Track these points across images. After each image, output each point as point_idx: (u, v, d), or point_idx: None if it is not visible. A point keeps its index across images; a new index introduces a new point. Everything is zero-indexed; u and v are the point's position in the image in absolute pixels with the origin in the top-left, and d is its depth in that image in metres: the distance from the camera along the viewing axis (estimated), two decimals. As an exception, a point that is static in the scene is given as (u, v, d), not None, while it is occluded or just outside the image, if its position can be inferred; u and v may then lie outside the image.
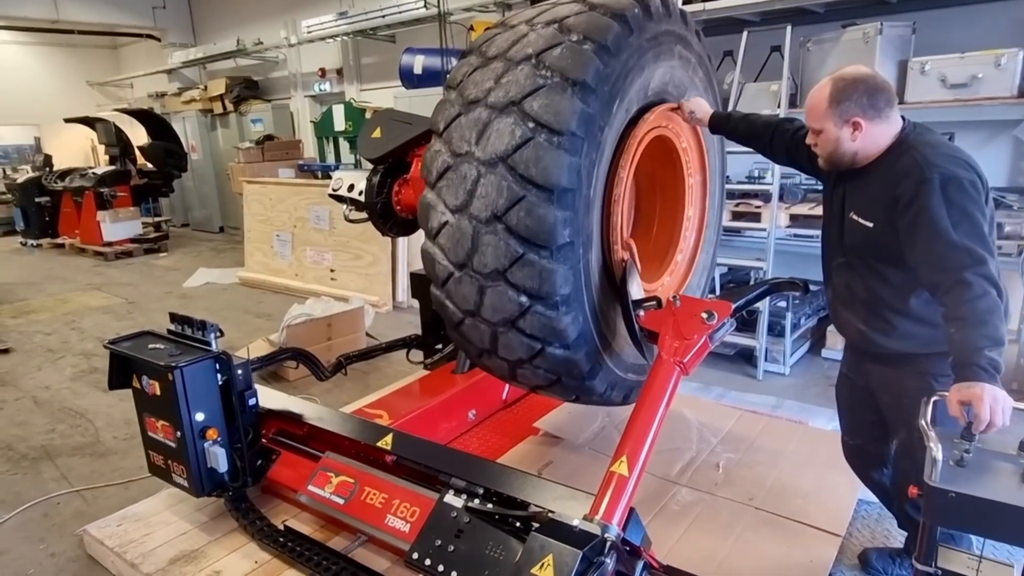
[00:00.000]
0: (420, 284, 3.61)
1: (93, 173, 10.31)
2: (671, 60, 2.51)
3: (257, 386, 2.82)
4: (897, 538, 2.59)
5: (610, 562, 1.71)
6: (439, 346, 3.83)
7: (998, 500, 1.47)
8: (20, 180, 11.37)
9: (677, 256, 2.93)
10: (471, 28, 7.31)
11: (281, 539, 2.64)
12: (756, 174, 4.93)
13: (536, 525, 1.84)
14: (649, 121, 2.36)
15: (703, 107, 2.55)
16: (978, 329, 1.68)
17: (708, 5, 4.79)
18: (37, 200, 10.96)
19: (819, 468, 2.95)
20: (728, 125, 2.54)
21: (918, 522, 1.68)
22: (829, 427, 3.52)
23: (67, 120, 11.45)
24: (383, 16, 8.13)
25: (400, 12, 7.91)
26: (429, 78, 7.29)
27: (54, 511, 3.26)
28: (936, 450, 1.56)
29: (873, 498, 2.66)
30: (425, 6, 7.59)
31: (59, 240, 10.82)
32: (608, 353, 2.39)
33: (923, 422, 1.64)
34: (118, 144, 10.53)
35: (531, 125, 1.98)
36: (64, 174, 10.66)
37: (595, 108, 2.03)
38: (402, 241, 6.59)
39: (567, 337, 2.12)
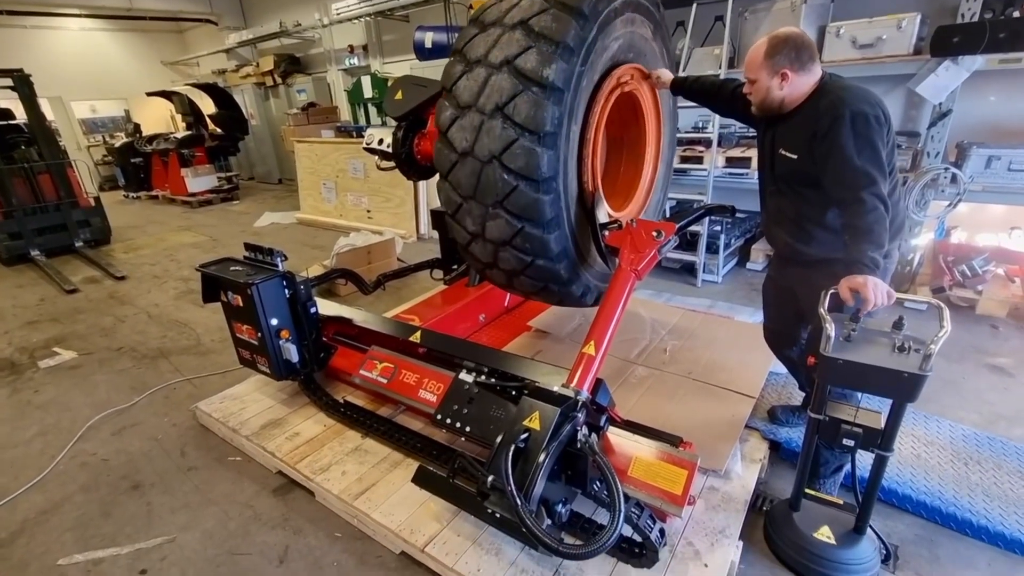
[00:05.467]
0: (438, 218, 3.56)
1: (174, 137, 9.93)
2: (636, 26, 2.36)
3: (316, 299, 2.83)
4: (796, 398, 2.70)
5: (581, 416, 1.78)
6: (455, 266, 3.83)
7: (871, 364, 1.52)
8: (117, 145, 10.98)
9: (639, 190, 2.87)
10: (471, 7, 6.85)
11: (342, 409, 2.74)
12: (700, 124, 4.76)
13: (527, 392, 1.89)
14: (616, 75, 2.25)
15: (667, 74, 2.52)
16: (866, 235, 1.69)
17: (665, -19, 4.47)
18: (132, 160, 10.60)
19: (741, 350, 3.02)
20: (684, 87, 2.49)
21: (815, 384, 1.75)
22: (749, 320, 3.58)
23: (148, 94, 10.89)
24: (398, -2, 7.61)
25: (412, -6, 7.40)
26: (438, 51, 6.88)
27: (172, 394, 3.36)
28: (830, 329, 1.59)
29: (781, 370, 2.74)
30: (432, -11, 7.10)
31: (153, 192, 10.55)
32: (583, 265, 2.38)
33: (821, 309, 1.67)
34: (192, 113, 10.10)
35: (522, 79, 1.89)
36: (151, 139, 10.27)
37: (573, 63, 1.93)
38: (422, 185, 6.45)
39: (552, 252, 2.10)
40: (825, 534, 1.89)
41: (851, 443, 1.70)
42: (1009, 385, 3.00)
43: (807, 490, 2.00)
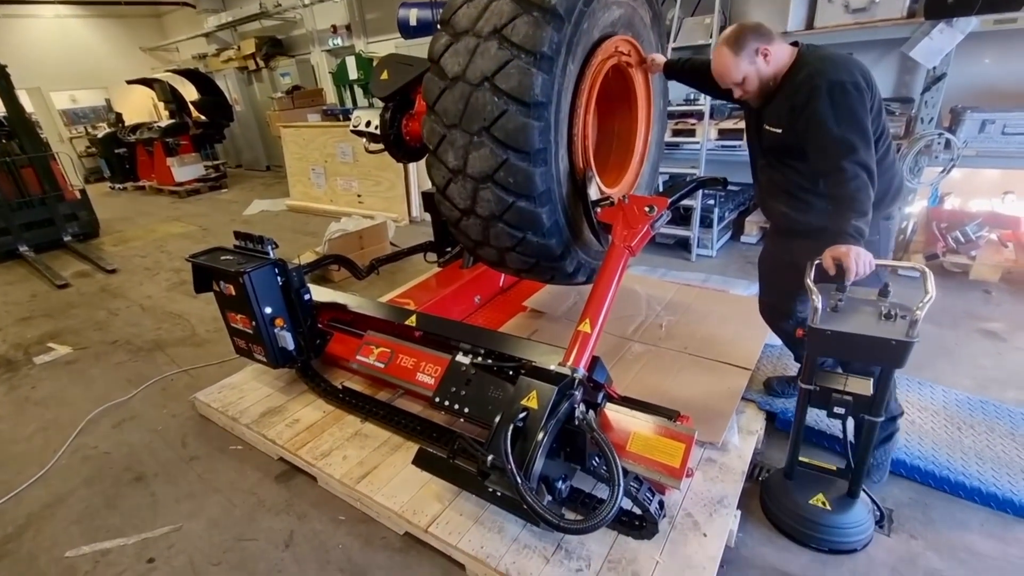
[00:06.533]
0: (430, 201, 3.54)
1: (158, 126, 9.74)
2: (638, 5, 2.37)
3: (310, 286, 2.83)
4: (792, 369, 2.73)
5: (578, 394, 1.80)
6: (448, 248, 3.82)
7: (858, 333, 1.54)
8: (100, 135, 10.78)
9: (631, 167, 2.85)
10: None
11: (341, 395, 2.76)
12: (692, 97, 4.71)
13: (524, 372, 1.90)
14: (615, 41, 2.24)
15: (660, 58, 2.56)
16: (848, 205, 1.70)
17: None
18: (116, 151, 10.42)
19: (736, 323, 3.03)
20: (676, 69, 2.51)
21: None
22: (744, 294, 3.60)
23: (129, 82, 10.62)
24: (380, -26, 7.43)
25: (394, -30, 7.21)
26: (423, 28, 6.75)
27: (169, 386, 3.37)
28: (817, 300, 1.60)
29: (776, 342, 2.76)
30: (415, -37, 6.91)
31: (140, 183, 10.39)
32: (576, 243, 2.37)
33: (808, 280, 1.68)
34: (174, 101, 9.88)
35: (524, 3, 1.90)
36: (135, 128, 10.07)
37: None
38: (412, 167, 6.39)
39: (536, 190, 2.03)
40: (820, 500, 1.93)
41: (842, 411, 1.73)
42: (1001, 349, 3.04)
43: (801, 458, 2.04)
